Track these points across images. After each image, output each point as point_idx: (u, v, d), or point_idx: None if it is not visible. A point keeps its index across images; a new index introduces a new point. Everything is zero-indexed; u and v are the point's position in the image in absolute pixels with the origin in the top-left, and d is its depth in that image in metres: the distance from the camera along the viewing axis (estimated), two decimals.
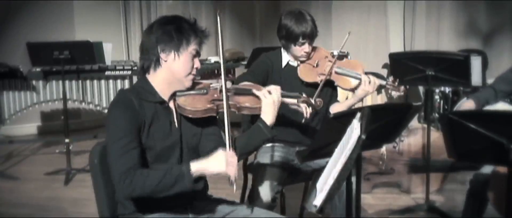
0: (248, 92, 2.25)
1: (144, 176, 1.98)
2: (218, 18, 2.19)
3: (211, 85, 2.22)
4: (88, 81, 5.15)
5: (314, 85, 2.95)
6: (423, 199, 3.92)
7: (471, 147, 2.12)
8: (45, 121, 6.80)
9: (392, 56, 4.00)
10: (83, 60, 4.81)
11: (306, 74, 2.99)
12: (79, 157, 5.26)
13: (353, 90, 2.97)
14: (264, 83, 2.78)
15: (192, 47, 2.11)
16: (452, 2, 6.26)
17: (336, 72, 2.97)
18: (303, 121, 2.61)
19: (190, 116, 2.14)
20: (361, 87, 2.90)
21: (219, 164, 1.99)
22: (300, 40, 2.89)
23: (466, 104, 3.10)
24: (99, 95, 5.17)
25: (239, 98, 2.22)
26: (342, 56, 3.34)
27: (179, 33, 2.09)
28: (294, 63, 3.03)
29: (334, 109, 3.04)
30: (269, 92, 2.21)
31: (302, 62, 3.00)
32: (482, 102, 3.09)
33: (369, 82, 2.89)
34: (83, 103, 5.24)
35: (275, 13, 7.12)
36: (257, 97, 2.22)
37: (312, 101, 2.50)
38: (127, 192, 1.99)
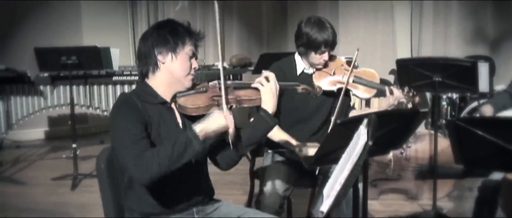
0: (246, 86, 2.27)
1: (155, 153, 1.97)
2: (217, 17, 2.18)
3: (210, 84, 2.25)
4: (95, 87, 5.18)
5: (330, 93, 2.96)
6: (430, 205, 3.89)
7: (479, 153, 2.10)
8: (52, 126, 6.83)
9: (399, 62, 3.99)
10: (90, 65, 4.84)
11: (322, 82, 2.98)
12: (86, 162, 5.28)
13: (368, 99, 3.02)
14: (280, 95, 2.78)
15: (188, 48, 2.14)
16: (460, 7, 6.24)
17: (353, 81, 2.99)
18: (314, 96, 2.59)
19: (192, 114, 2.15)
20: (386, 99, 2.90)
21: (219, 120, 2.04)
22: (322, 48, 2.89)
23: (485, 110, 3.10)
24: (107, 100, 5.20)
25: (238, 92, 2.23)
26: (355, 66, 3.36)
27: (174, 35, 2.13)
28: (309, 70, 3.03)
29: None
30: (267, 79, 2.23)
31: (317, 69, 3.01)
32: (499, 108, 3.09)
33: (394, 93, 2.89)
34: (90, 109, 5.27)
35: (282, 18, 7.14)
36: (256, 89, 2.24)
37: (310, 88, 2.51)
38: (145, 175, 1.96)
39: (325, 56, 2.93)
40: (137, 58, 2.20)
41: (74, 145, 4.83)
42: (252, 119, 2.30)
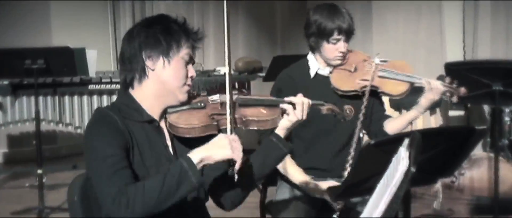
0: (256, 102, 2.26)
1: (140, 188, 1.94)
2: (225, 9, 2.25)
3: (210, 98, 2.25)
4: (66, 98, 5.20)
5: (353, 95, 2.99)
6: None
7: None
8: (12, 146, 6.86)
9: (449, 66, 3.98)
10: (61, 71, 4.84)
11: (342, 81, 3.01)
12: (55, 192, 5.28)
13: (402, 96, 3.01)
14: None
15: (184, 52, 2.15)
16: None
17: (380, 76, 3.01)
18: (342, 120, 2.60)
19: (185, 135, 2.15)
20: (425, 96, 2.92)
21: (223, 148, 1.98)
22: (335, 35, 2.92)
23: None
24: (80, 115, 5.21)
25: (245, 110, 2.23)
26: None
27: (167, 35, 2.13)
28: (324, 71, 3.07)
29: (390, 126, 3.07)
30: (302, 105, 2.25)
31: (335, 67, 3.04)
32: None
33: (432, 85, 2.91)
34: (60, 125, 5.29)
35: (300, 15, 7.15)
36: (271, 106, 2.24)
37: (338, 109, 2.50)
38: (126, 214, 1.93)
39: (341, 45, 2.95)
40: (120, 62, 2.20)
41: (39, 171, 4.82)
42: (261, 145, 2.30)
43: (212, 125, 2.16)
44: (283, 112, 2.24)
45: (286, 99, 2.25)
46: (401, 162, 1.80)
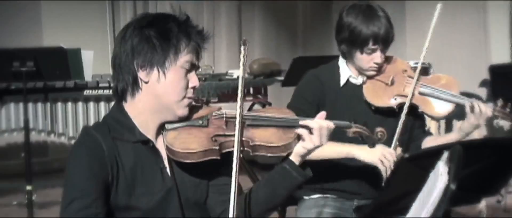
0: (271, 123, 2.20)
1: None
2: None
3: (214, 113, 2.20)
4: (59, 104, 5.20)
5: (388, 111, 2.98)
6: None
7: None
8: None
9: (495, 69, 3.96)
10: (53, 74, 4.85)
11: (375, 95, 3.00)
12: (46, 211, 5.29)
13: (443, 119, 3.08)
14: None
15: (183, 59, 2.11)
16: None
17: (420, 93, 2.98)
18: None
19: (182, 160, 2.11)
20: (467, 120, 2.90)
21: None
22: (370, 45, 2.90)
23: None
24: (75, 124, 5.20)
25: (254, 132, 2.17)
26: (424, 69, 3.35)
27: (164, 39, 2.09)
28: (357, 80, 3.05)
29: (429, 146, 3.06)
30: (320, 128, 2.18)
31: (369, 78, 3.02)
32: None
33: (476, 110, 2.88)
34: (52, 136, 5.29)
35: (324, 11, 7.14)
36: (285, 128, 2.18)
37: (367, 132, 2.40)
38: None
39: (376, 56, 2.93)
40: (112, 66, 2.17)
41: (28, 187, 4.82)
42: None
43: (213, 150, 2.11)
44: (299, 136, 2.18)
45: (302, 122, 2.18)
46: (439, 178, 1.79)
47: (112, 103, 4.94)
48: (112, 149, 2.08)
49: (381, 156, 2.70)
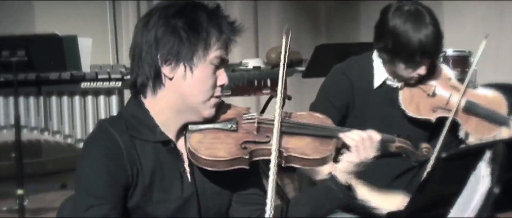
0: (309, 131, 2.21)
1: None
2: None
3: (244, 115, 2.22)
4: (54, 99, 5.19)
5: (425, 123, 3.02)
6: None
7: None
8: None
9: None
10: (46, 64, 4.88)
11: (414, 104, 3.03)
12: None
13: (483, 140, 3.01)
14: (345, 117, 2.96)
15: (213, 54, 2.12)
16: None
17: (464, 110, 3.01)
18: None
19: (207, 168, 2.13)
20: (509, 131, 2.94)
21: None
22: (417, 58, 2.87)
23: None
24: (71, 121, 5.21)
25: (288, 140, 2.18)
26: (464, 59, 3.39)
27: (193, 31, 2.10)
28: (393, 82, 3.08)
29: None
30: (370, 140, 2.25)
31: (407, 84, 3.05)
32: None
33: None
34: (46, 134, 5.29)
35: None
36: (323, 138, 2.20)
37: (411, 148, 2.42)
38: None
39: (422, 69, 2.94)
40: (130, 57, 2.18)
41: (20, 191, 4.85)
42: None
43: (242, 159, 2.12)
44: (339, 148, 2.22)
45: (340, 134, 2.22)
46: (481, 181, 1.80)
47: (113, 97, 5.16)
48: (131, 149, 2.10)
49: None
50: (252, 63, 5.86)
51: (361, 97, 3.05)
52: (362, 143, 2.21)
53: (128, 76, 5.00)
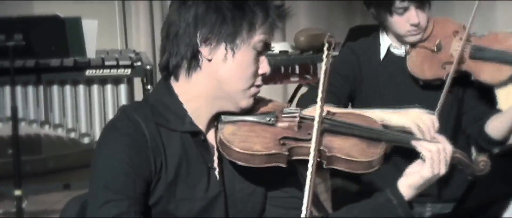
0: (357, 132, 2.22)
1: None
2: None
3: (284, 109, 2.25)
4: (55, 88, 5.17)
5: (439, 84, 3.07)
6: None
7: None
8: None
9: None
10: (47, 50, 4.89)
11: (421, 65, 3.09)
12: None
13: (505, 85, 3.08)
14: (352, 98, 3.12)
15: (257, 38, 2.15)
16: None
17: (471, 57, 3.04)
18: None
19: (240, 162, 2.14)
20: None
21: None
22: (397, 3, 2.98)
23: None
24: (75, 112, 5.19)
25: (332, 140, 2.21)
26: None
27: (238, 10, 2.13)
28: (400, 50, 3.19)
29: (492, 126, 3.14)
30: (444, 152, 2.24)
31: (413, 46, 3.12)
32: None
33: None
34: (47, 127, 5.28)
35: None
36: (372, 140, 2.22)
37: (467, 160, 2.36)
38: None
39: (412, 16, 3.01)
40: (163, 36, 2.21)
41: (18, 192, 4.86)
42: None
43: (280, 155, 2.14)
44: (387, 153, 2.24)
45: (423, 143, 2.25)
46: None
47: (121, 86, 5.13)
48: (156, 138, 2.13)
49: (417, 118, 2.62)
50: (278, 47, 5.88)
51: (369, 69, 3.15)
52: (437, 154, 2.20)
53: (138, 64, 5.12)
